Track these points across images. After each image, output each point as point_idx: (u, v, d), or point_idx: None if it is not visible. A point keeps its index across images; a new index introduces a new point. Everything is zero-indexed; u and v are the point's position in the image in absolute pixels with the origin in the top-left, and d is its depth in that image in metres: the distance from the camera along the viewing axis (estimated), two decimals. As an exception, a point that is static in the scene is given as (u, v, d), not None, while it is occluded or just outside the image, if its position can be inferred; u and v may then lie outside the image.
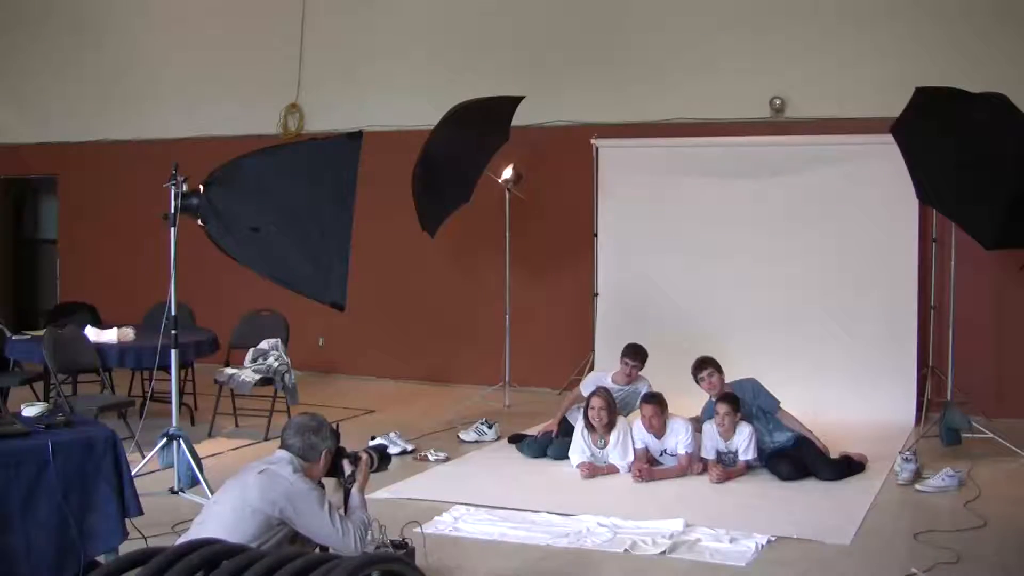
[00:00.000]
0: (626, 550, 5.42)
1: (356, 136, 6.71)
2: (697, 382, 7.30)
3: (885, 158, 7.97)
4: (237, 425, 8.41)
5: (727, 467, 6.97)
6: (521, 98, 8.99)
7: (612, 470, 7.08)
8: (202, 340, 8.27)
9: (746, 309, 9.32)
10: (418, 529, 5.19)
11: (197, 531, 3.84)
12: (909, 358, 8.88)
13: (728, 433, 7.00)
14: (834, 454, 7.10)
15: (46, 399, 7.80)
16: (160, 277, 6.68)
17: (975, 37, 8.92)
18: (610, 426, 7.11)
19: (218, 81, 11.53)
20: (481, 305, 10.37)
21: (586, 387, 7.56)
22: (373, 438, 7.68)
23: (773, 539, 5.57)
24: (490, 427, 8.09)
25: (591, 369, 9.44)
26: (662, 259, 9.62)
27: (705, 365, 7.28)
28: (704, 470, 6.96)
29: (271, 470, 4.02)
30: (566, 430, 7.52)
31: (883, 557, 5.39)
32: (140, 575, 1.73)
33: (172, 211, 6.27)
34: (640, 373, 7.67)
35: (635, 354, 7.64)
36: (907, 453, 7.00)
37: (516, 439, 7.86)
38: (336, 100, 11.00)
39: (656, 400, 7.08)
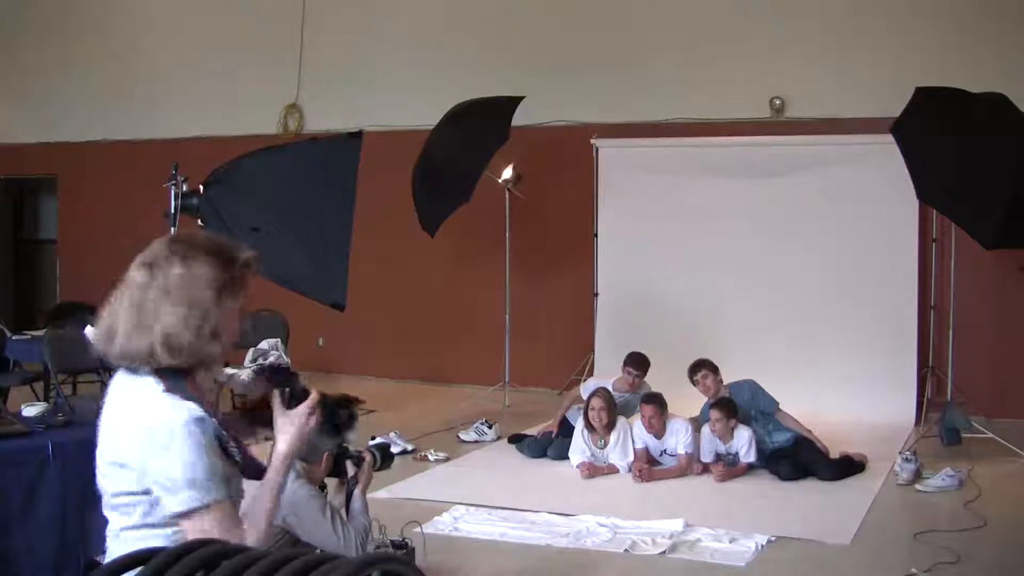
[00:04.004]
0: (626, 550, 5.42)
1: (356, 136, 6.72)
2: (693, 384, 7.30)
3: (885, 158, 7.97)
4: (237, 425, 8.40)
5: (728, 467, 6.97)
6: (521, 98, 8.99)
7: (612, 470, 7.07)
8: (202, 340, 8.24)
9: (746, 309, 9.32)
10: (418, 529, 5.18)
11: None
12: (909, 358, 8.87)
13: (725, 438, 7.00)
14: (834, 454, 7.10)
15: (46, 399, 7.80)
16: (160, 277, 6.67)
17: (975, 37, 8.91)
18: (610, 426, 7.10)
19: (218, 81, 11.53)
20: (481, 305, 10.37)
21: (586, 392, 7.52)
22: (373, 438, 7.69)
23: (773, 539, 5.57)
24: (490, 427, 8.09)
25: (591, 370, 9.45)
26: (662, 259, 9.62)
27: (700, 367, 7.28)
28: (704, 470, 6.96)
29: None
30: (566, 430, 7.51)
31: (883, 557, 5.39)
32: (140, 575, 1.73)
33: (172, 211, 6.28)
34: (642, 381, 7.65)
35: (639, 364, 7.56)
36: (907, 453, 7.00)
37: (516, 439, 7.85)
38: (336, 100, 10.99)
39: (656, 400, 7.07)
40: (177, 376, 2.22)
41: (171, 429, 2.15)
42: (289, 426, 2.39)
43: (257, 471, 2.36)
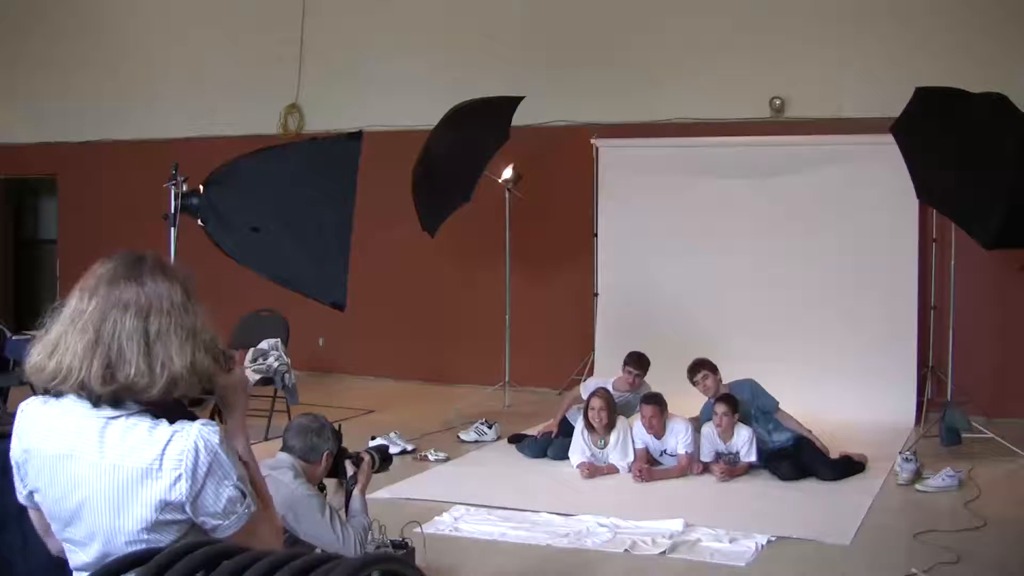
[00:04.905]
0: (626, 550, 5.42)
1: (356, 136, 6.72)
2: (693, 384, 7.30)
3: (885, 158, 7.97)
4: (237, 425, 8.40)
5: (729, 467, 6.96)
6: (521, 98, 8.98)
7: (612, 470, 7.07)
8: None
9: (746, 309, 9.32)
10: (418, 529, 5.18)
11: None
12: (909, 358, 8.88)
13: (727, 433, 6.99)
14: (834, 454, 7.10)
15: (46, 399, 7.79)
16: (160, 277, 6.67)
17: (975, 37, 8.91)
18: (610, 426, 7.10)
19: (218, 81, 11.53)
20: (481, 305, 10.36)
21: (586, 392, 7.52)
22: (373, 438, 7.69)
23: (773, 539, 5.57)
24: (490, 427, 8.09)
25: (591, 370, 9.44)
26: (662, 259, 9.62)
27: (700, 368, 7.27)
28: (704, 470, 6.96)
29: (272, 476, 4.00)
30: (566, 430, 7.51)
31: (883, 557, 5.39)
32: (140, 575, 1.73)
33: (172, 211, 6.28)
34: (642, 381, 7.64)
35: (639, 363, 7.56)
36: (907, 453, 7.00)
37: (516, 439, 7.85)
38: (336, 100, 10.99)
39: (656, 400, 7.07)
40: (172, 407, 2.07)
41: (211, 458, 1.99)
42: (236, 393, 2.20)
43: None
